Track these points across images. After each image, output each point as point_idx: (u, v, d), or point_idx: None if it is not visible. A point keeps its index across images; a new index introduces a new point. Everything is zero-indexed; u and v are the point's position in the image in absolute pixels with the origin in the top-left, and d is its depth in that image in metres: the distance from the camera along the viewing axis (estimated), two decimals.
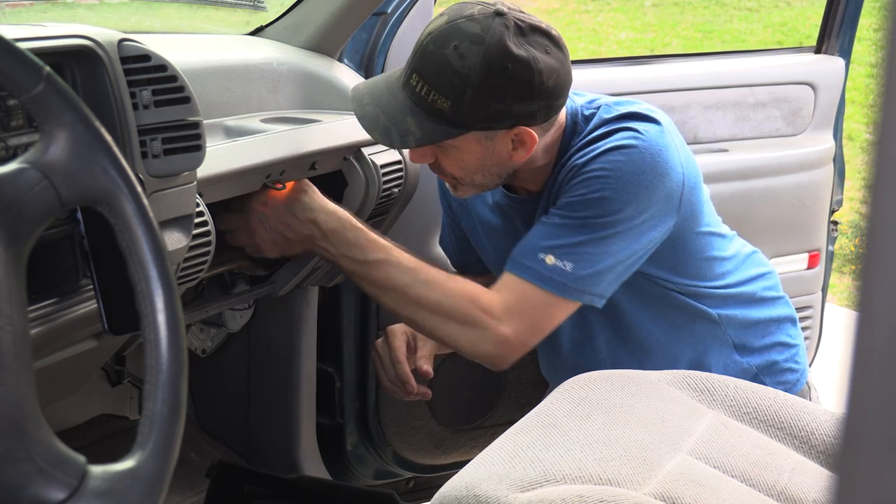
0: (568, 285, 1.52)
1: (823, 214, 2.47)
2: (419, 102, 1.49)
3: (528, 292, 1.53)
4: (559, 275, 1.52)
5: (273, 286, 1.76)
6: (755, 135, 2.38)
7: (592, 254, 1.52)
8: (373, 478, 2.18)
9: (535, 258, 1.53)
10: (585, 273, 1.52)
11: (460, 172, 1.56)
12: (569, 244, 1.52)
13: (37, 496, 0.73)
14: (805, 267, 2.46)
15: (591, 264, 1.52)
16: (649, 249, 1.58)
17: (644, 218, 1.52)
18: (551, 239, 1.53)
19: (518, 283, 1.54)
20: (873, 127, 0.35)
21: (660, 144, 1.53)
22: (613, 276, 1.55)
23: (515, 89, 1.47)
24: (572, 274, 1.52)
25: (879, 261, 0.35)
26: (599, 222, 1.51)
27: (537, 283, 1.53)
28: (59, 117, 0.79)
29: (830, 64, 2.47)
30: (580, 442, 1.30)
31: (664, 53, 7.58)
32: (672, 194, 1.54)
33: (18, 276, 0.76)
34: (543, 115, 1.51)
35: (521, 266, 1.54)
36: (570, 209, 1.53)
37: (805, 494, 1.31)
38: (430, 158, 1.57)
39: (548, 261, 1.52)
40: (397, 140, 1.50)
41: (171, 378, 0.77)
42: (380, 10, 1.93)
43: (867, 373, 0.36)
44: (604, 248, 1.52)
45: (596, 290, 1.54)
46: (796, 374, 1.78)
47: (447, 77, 1.46)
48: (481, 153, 1.53)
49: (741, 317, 1.73)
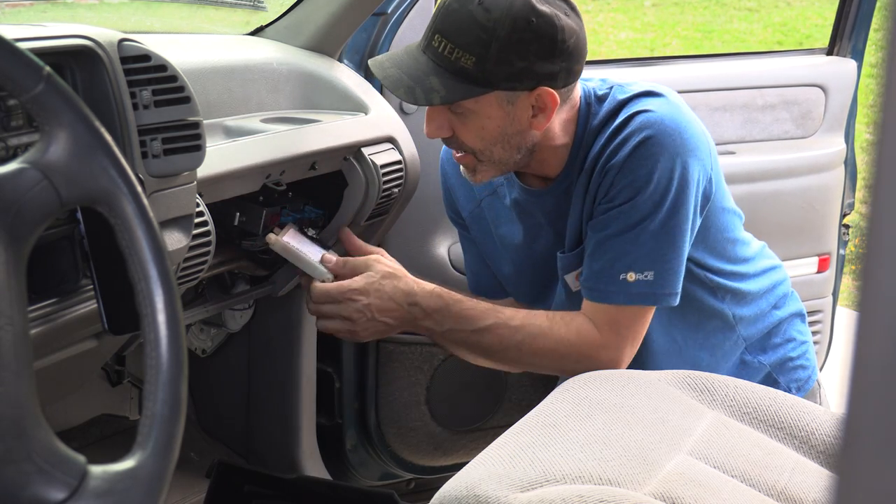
0: (655, 293, 1.56)
1: (834, 218, 2.45)
2: (442, 62, 1.48)
3: (623, 315, 1.57)
4: (645, 287, 1.55)
5: (273, 286, 1.76)
6: (764, 137, 2.36)
7: (665, 255, 1.54)
8: (372, 478, 2.18)
9: (617, 281, 1.55)
10: (665, 274, 1.55)
11: (479, 143, 1.54)
12: (642, 255, 1.54)
13: (37, 496, 0.73)
14: (815, 270, 2.44)
15: (667, 265, 1.55)
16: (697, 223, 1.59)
17: (688, 192, 1.54)
18: (623, 257, 1.54)
19: (610, 309, 1.58)
20: (873, 127, 0.36)
21: (679, 116, 1.55)
22: (682, 266, 1.57)
23: (539, 46, 1.47)
24: (655, 281, 1.55)
25: (879, 261, 0.35)
26: (658, 221, 1.52)
27: (629, 303, 1.56)
28: (59, 117, 0.79)
29: (842, 66, 2.44)
30: (580, 442, 1.30)
31: (664, 54, 7.59)
32: (704, 161, 1.56)
33: (18, 276, 0.76)
34: (563, 79, 1.51)
35: (606, 294, 1.57)
36: (626, 219, 1.53)
37: (805, 494, 1.31)
38: (447, 132, 1.54)
39: (629, 279, 1.54)
40: (422, 98, 1.48)
41: (171, 378, 0.77)
42: (380, 10, 1.93)
43: (867, 373, 0.36)
44: (671, 244, 1.54)
45: (674, 289, 1.57)
46: (807, 371, 1.78)
47: (472, 32, 1.46)
48: (502, 119, 1.52)
49: (756, 320, 1.73)
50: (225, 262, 1.64)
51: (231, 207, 1.60)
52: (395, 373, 2.08)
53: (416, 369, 2.08)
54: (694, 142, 1.54)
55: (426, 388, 2.10)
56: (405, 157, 1.81)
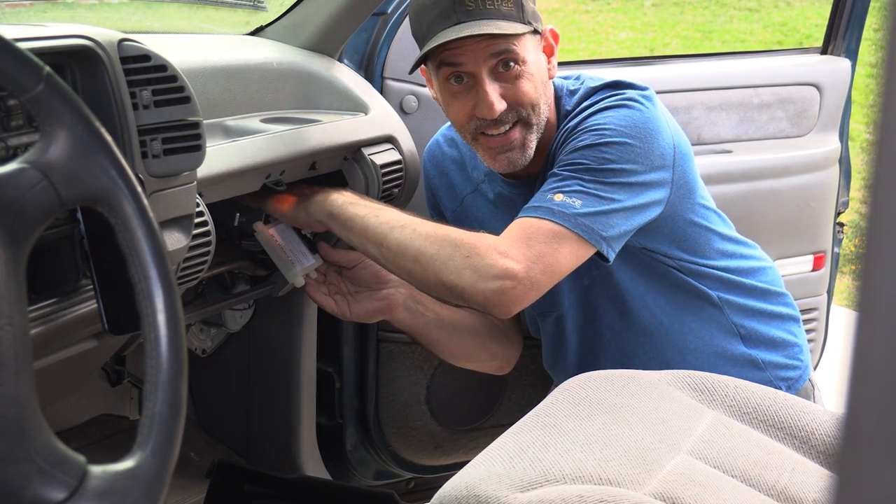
0: (577, 219, 1.50)
1: (829, 216, 2.46)
2: (487, 15, 1.52)
3: (535, 226, 1.50)
4: (568, 208, 1.51)
5: (273, 286, 1.76)
6: (760, 136, 2.37)
7: (599, 196, 1.52)
8: (373, 478, 2.18)
9: (544, 199, 1.53)
10: (594, 210, 1.51)
11: (535, 94, 1.57)
12: (575, 186, 1.53)
13: (37, 496, 0.73)
14: (810, 269, 2.45)
15: (599, 205, 1.52)
16: (650, 212, 1.58)
17: (641, 172, 1.55)
18: (557, 183, 1.54)
19: (524, 221, 1.52)
20: (873, 127, 0.35)
21: (647, 106, 1.58)
22: (620, 227, 1.54)
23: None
24: (581, 209, 1.51)
25: (879, 261, 0.35)
26: (602, 168, 1.53)
27: (546, 217, 1.50)
28: (59, 117, 0.79)
29: (836, 65, 2.45)
30: (580, 442, 1.30)
31: (664, 54, 7.59)
32: (665, 154, 1.57)
33: (18, 276, 0.76)
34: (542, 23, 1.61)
35: (528, 209, 1.54)
36: (570, 159, 1.56)
37: (805, 494, 1.31)
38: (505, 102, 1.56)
39: (556, 198, 1.52)
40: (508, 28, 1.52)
41: (171, 378, 0.77)
42: (380, 10, 1.93)
43: (867, 373, 0.36)
44: (609, 192, 1.53)
45: (605, 233, 1.51)
46: (798, 371, 1.78)
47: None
48: (539, 65, 1.59)
49: (742, 303, 1.73)
50: (225, 262, 1.64)
51: (231, 207, 1.60)
52: (396, 372, 2.08)
53: (416, 369, 2.08)
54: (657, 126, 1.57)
55: (426, 387, 2.10)
56: (405, 157, 1.81)
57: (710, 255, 1.70)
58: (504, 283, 1.45)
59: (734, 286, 1.73)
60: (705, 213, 1.69)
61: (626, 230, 1.56)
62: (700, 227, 1.68)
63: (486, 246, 1.47)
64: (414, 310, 1.71)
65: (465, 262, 1.46)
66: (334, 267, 1.70)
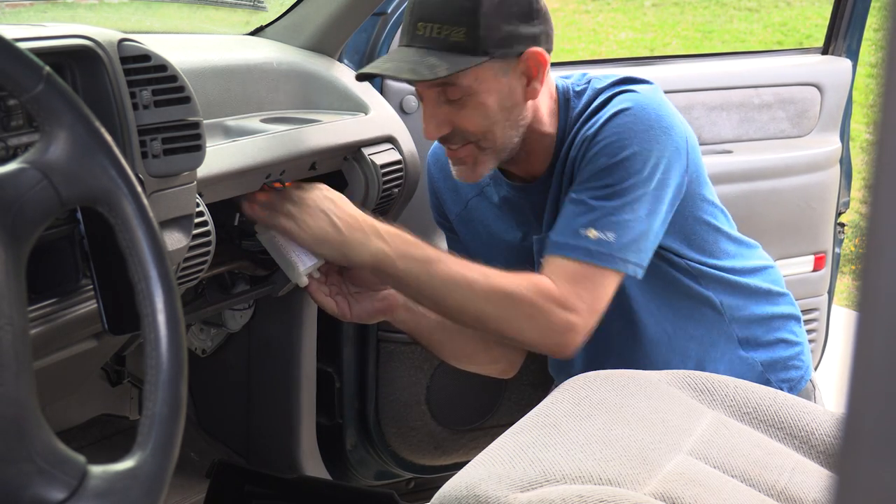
0: (615, 255, 1.53)
1: (830, 216, 2.46)
2: (433, 44, 1.50)
3: (580, 271, 1.53)
4: (606, 247, 1.52)
5: (273, 286, 1.76)
6: (760, 136, 2.37)
7: (629, 220, 1.53)
8: (373, 478, 2.18)
9: (578, 235, 1.53)
10: (627, 240, 1.53)
11: (482, 124, 1.55)
12: (605, 214, 1.53)
13: (37, 496, 0.73)
14: (811, 269, 2.45)
15: (631, 230, 1.53)
16: (671, 208, 1.59)
17: (662, 171, 1.55)
18: (587, 214, 1.54)
19: (568, 265, 1.54)
20: (873, 127, 0.35)
21: (658, 100, 1.58)
22: (648, 242, 1.56)
23: (518, 8, 1.52)
24: (616, 243, 1.52)
25: (879, 261, 0.35)
26: (625, 186, 1.53)
27: (587, 259, 1.53)
28: (59, 117, 0.79)
29: (837, 65, 2.46)
30: (580, 442, 1.30)
31: (664, 54, 7.59)
32: (679, 146, 1.57)
33: (18, 276, 0.76)
34: (545, 42, 1.56)
35: (566, 247, 1.54)
36: (595, 180, 1.54)
37: (805, 494, 1.31)
38: (448, 127, 1.55)
39: (591, 235, 1.52)
40: (428, 72, 1.49)
41: (171, 378, 0.77)
42: (380, 10, 1.93)
43: (867, 373, 0.36)
44: (636, 212, 1.53)
45: (637, 259, 1.55)
46: (800, 372, 1.78)
47: (455, 5, 1.49)
48: (498, 91, 1.54)
49: (745, 309, 1.73)
50: (225, 262, 1.64)
51: (231, 207, 1.60)
52: (396, 372, 2.08)
53: (416, 369, 2.08)
54: (669, 121, 1.56)
55: (426, 387, 2.10)
56: (405, 157, 1.81)
57: (717, 255, 1.70)
58: (566, 337, 1.53)
59: (738, 289, 1.72)
60: (713, 211, 1.70)
61: (653, 246, 1.58)
62: (708, 226, 1.69)
63: (544, 301, 1.51)
64: (415, 310, 1.70)
65: (528, 321, 1.52)
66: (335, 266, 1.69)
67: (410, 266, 1.51)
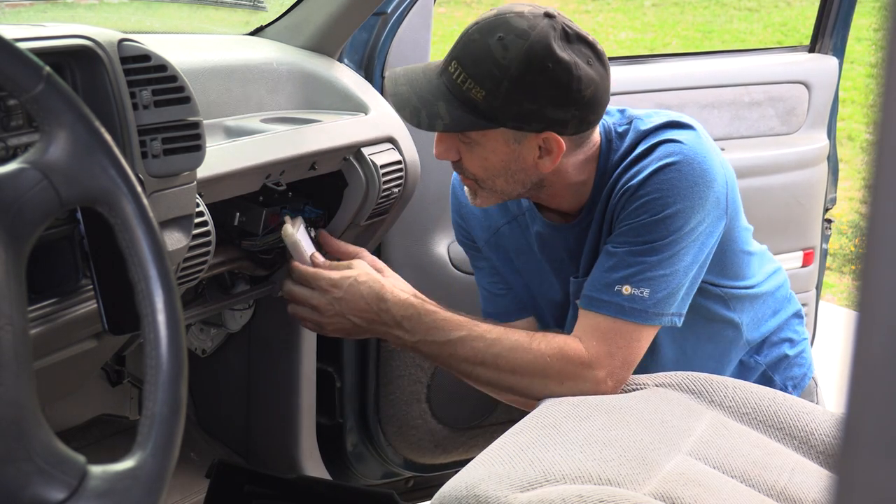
0: (649, 311, 1.52)
1: (818, 212, 2.48)
2: (453, 90, 1.48)
3: (612, 329, 1.52)
4: (639, 303, 1.51)
5: (273, 286, 1.76)
6: (750, 133, 2.39)
7: (665, 275, 1.51)
8: (372, 478, 2.18)
9: (612, 291, 1.52)
10: (662, 295, 1.51)
11: (482, 173, 1.54)
12: (641, 270, 1.51)
13: (37, 496, 0.73)
14: (800, 265, 2.47)
15: (666, 286, 1.51)
16: (710, 256, 1.57)
17: (703, 227, 1.52)
18: (622, 269, 1.52)
19: (601, 322, 1.53)
20: (873, 127, 0.35)
21: (702, 151, 1.53)
22: (685, 292, 1.55)
23: (552, 92, 1.46)
24: (651, 300, 1.51)
25: (879, 261, 0.35)
26: (665, 243, 1.51)
27: (620, 316, 1.52)
28: (59, 117, 0.79)
29: (824, 63, 2.48)
30: (580, 442, 1.30)
31: (661, 53, 7.59)
32: (720, 198, 1.54)
33: (18, 276, 0.76)
34: (575, 127, 1.50)
35: (598, 303, 1.53)
36: (634, 235, 1.52)
37: (805, 494, 1.31)
38: (455, 156, 1.54)
39: (625, 291, 1.51)
40: (425, 122, 1.49)
41: (171, 378, 0.77)
42: (380, 10, 1.93)
43: (867, 373, 0.36)
44: (674, 266, 1.51)
45: (673, 310, 1.54)
46: (803, 369, 1.78)
47: (486, 66, 1.45)
48: (506, 155, 1.51)
49: (763, 322, 1.73)
50: (225, 262, 1.64)
51: (231, 207, 1.60)
52: (396, 371, 2.08)
53: (416, 367, 2.08)
54: (713, 174, 1.52)
55: (426, 386, 2.10)
56: (405, 157, 1.81)
57: (747, 276, 1.69)
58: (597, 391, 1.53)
59: (759, 300, 1.71)
60: (746, 237, 1.68)
61: (692, 293, 1.57)
62: (742, 252, 1.67)
63: (573, 367, 1.52)
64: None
65: (561, 387, 1.52)
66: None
67: (433, 350, 1.57)
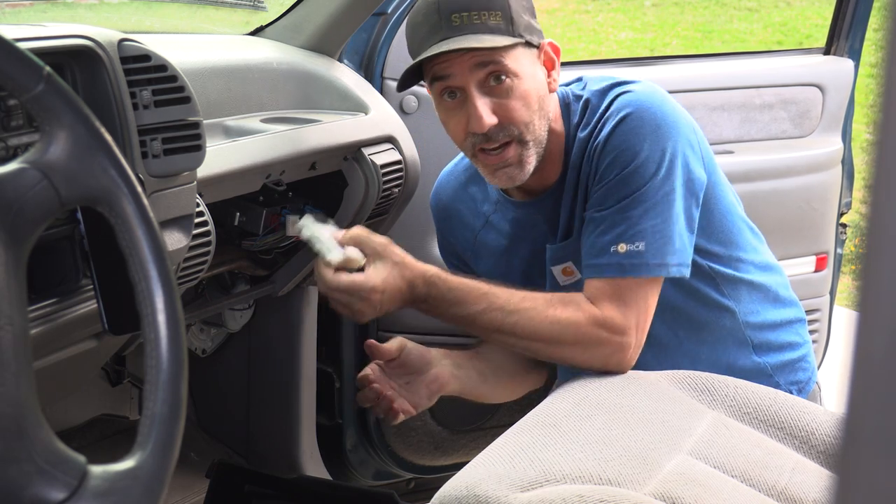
0: (650, 263, 1.53)
1: (832, 217, 2.45)
2: (473, 30, 1.50)
3: (621, 289, 1.54)
4: (637, 258, 1.53)
5: (273, 286, 1.76)
6: (762, 136, 2.37)
7: (655, 224, 1.53)
8: (372, 478, 2.18)
9: (608, 253, 1.54)
10: (659, 244, 1.53)
11: (526, 115, 1.54)
12: (630, 226, 1.53)
13: (37, 496, 0.73)
14: (813, 270, 2.44)
15: (660, 234, 1.53)
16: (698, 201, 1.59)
17: (680, 168, 1.54)
18: (612, 230, 1.54)
19: (605, 285, 1.55)
20: (873, 127, 0.36)
21: (657, 96, 1.57)
22: (683, 239, 1.56)
23: (529, 4, 1.57)
24: (648, 251, 1.53)
25: (879, 261, 0.35)
26: (644, 192, 1.53)
27: (621, 275, 1.53)
28: (60, 117, 0.79)
29: (839, 65, 2.45)
30: (580, 442, 1.30)
31: (664, 54, 7.59)
32: (690, 140, 1.57)
33: (18, 276, 0.76)
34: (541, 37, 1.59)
35: (598, 268, 1.55)
36: (613, 193, 1.54)
37: (805, 494, 1.31)
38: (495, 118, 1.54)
39: (620, 250, 1.53)
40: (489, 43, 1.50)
41: (171, 378, 0.77)
42: (380, 10, 1.93)
43: (867, 373, 0.36)
44: (662, 214, 1.53)
45: (675, 259, 1.55)
46: (807, 374, 1.78)
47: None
48: (534, 77, 1.55)
49: (760, 315, 1.73)
50: (225, 262, 1.64)
51: (231, 207, 1.60)
52: None
53: None
54: (675, 117, 1.56)
55: None
56: (405, 157, 1.81)
57: (741, 246, 1.70)
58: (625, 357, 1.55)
59: (755, 290, 1.71)
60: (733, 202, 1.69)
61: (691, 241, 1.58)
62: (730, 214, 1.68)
63: (594, 329, 1.54)
64: (459, 376, 1.71)
65: (585, 354, 1.55)
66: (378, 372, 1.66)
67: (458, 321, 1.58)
